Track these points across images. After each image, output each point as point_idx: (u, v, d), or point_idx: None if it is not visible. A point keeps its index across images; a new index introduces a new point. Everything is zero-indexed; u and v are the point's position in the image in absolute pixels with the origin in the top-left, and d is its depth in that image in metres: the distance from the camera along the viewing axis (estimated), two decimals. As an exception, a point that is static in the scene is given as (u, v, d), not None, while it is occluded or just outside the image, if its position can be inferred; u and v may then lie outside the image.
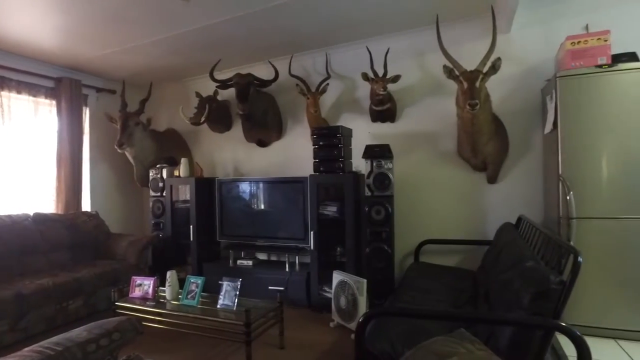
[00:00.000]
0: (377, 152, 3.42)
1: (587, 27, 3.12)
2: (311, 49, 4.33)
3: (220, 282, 2.96)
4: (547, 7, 3.46)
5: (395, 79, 3.67)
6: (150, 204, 4.76)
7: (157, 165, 4.71)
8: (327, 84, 4.04)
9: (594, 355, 2.64)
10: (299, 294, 3.80)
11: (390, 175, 3.41)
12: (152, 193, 4.75)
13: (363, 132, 4.10)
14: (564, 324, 1.57)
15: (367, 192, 3.47)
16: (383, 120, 4.01)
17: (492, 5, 3.30)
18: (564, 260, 1.92)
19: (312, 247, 3.67)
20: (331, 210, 3.64)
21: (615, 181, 2.82)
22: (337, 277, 3.31)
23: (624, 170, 2.81)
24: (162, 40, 3.90)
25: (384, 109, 3.81)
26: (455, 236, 3.77)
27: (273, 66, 4.19)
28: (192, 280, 3.00)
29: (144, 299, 3.05)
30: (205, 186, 4.50)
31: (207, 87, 4.55)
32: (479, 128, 3.30)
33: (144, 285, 3.11)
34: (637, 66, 2.78)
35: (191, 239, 4.39)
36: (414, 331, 1.95)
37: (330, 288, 3.37)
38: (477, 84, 3.11)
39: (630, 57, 2.85)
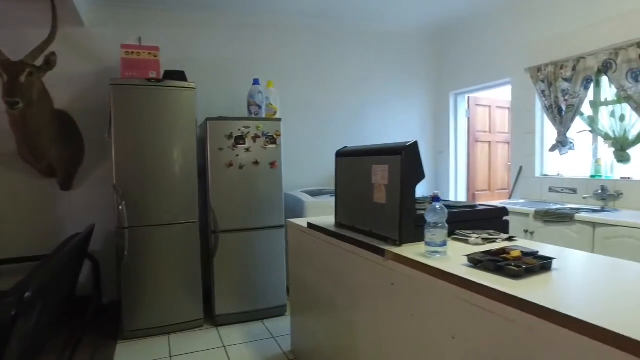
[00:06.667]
0: None
1: (140, 40, 3.20)
2: None
3: None
4: (115, 9, 3.38)
5: None
6: None
7: None
8: None
9: (145, 357, 2.77)
10: None
11: None
12: None
13: None
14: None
15: None
16: None
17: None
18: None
19: None
20: None
21: (163, 190, 2.99)
22: None
23: (170, 180, 3.00)
24: None
25: None
26: (25, 252, 3.23)
27: None
28: None
29: None
30: None
31: None
32: (35, 129, 2.89)
33: None
34: (184, 85, 3.03)
35: None
36: None
37: None
38: (22, 78, 2.68)
39: (180, 75, 3.08)
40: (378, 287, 1.67)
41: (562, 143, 3.32)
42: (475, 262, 1.34)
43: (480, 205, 2.08)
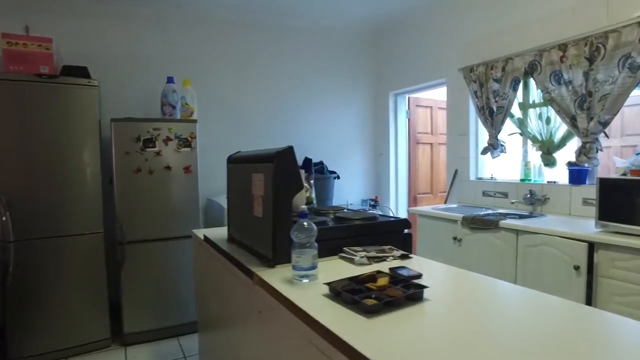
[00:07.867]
0: None
1: (27, 29, 2.88)
2: None
3: None
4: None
5: None
6: None
7: None
8: None
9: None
10: None
11: None
12: None
13: None
14: None
15: None
16: None
17: None
18: None
19: None
20: None
21: (60, 199, 2.68)
22: None
23: (68, 188, 2.70)
24: None
25: None
26: None
27: None
28: None
29: None
30: None
31: None
32: None
33: None
34: (84, 82, 2.72)
35: None
36: None
37: None
38: None
39: (81, 71, 2.78)
40: (248, 314, 1.47)
41: (493, 145, 3.22)
42: (336, 292, 1.16)
43: (382, 216, 1.91)
